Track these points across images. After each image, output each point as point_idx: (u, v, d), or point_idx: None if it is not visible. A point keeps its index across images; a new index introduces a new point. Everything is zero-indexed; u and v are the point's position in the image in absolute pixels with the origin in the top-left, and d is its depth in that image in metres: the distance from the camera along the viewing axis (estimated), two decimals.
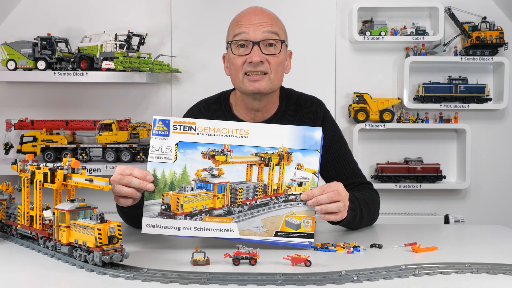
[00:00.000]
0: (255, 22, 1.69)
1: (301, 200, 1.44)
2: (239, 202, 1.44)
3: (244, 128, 1.46)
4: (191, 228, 1.42)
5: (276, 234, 1.43)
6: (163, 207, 1.42)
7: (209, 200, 1.43)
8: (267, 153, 1.46)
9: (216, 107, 1.86)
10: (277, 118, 1.81)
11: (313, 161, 1.46)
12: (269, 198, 1.45)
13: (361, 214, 1.63)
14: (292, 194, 1.45)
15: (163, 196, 1.43)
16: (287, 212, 1.44)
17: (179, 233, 1.42)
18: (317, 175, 1.46)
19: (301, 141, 1.46)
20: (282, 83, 1.83)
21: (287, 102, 1.85)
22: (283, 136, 1.46)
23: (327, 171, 1.81)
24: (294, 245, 1.43)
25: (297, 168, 1.46)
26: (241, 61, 1.69)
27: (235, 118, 1.81)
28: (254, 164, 1.45)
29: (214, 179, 1.44)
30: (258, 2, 3.01)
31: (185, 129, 1.46)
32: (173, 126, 1.46)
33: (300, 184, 1.45)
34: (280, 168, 1.46)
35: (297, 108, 1.84)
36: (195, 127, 1.46)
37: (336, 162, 1.82)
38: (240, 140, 1.46)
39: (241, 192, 1.45)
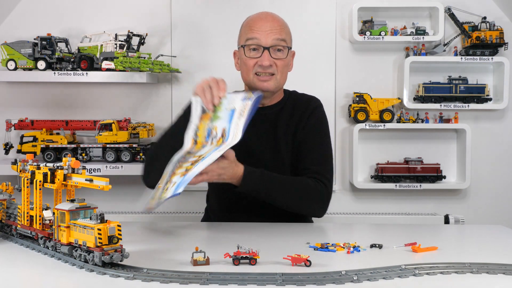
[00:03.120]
0: (267, 29, 1.92)
1: None
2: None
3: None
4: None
5: None
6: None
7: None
8: None
9: None
10: (277, 108, 2.02)
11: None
12: None
13: (268, 192, 1.78)
14: None
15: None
16: None
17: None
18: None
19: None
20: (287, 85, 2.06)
21: (289, 97, 2.07)
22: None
23: (297, 154, 1.96)
24: None
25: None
26: (252, 63, 1.93)
27: None
28: None
29: None
30: (260, 3, 3.01)
31: None
32: None
33: None
34: None
35: (295, 103, 2.04)
36: None
37: (304, 147, 1.96)
38: None
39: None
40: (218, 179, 1.70)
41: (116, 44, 2.85)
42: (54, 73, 2.84)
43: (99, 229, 1.19)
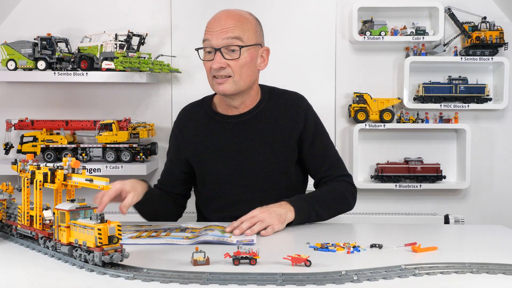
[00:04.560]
0: (217, 29, 1.81)
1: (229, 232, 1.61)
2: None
3: None
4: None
5: None
6: None
7: None
8: None
9: (198, 109, 2.01)
10: (258, 110, 1.93)
11: None
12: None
13: (317, 212, 1.79)
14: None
15: None
16: None
17: None
18: None
19: None
20: (270, 81, 2.01)
21: (269, 96, 1.96)
22: None
23: (309, 164, 1.95)
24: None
25: None
26: (208, 66, 1.85)
27: (215, 114, 1.96)
28: None
29: None
30: (260, 3, 3.01)
31: None
32: None
33: None
34: None
35: (280, 101, 1.95)
36: None
37: (316, 155, 1.94)
38: None
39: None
40: (279, 224, 1.66)
41: (116, 44, 2.85)
42: (54, 73, 2.84)
43: (99, 229, 1.19)
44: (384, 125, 3.05)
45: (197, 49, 1.87)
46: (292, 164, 1.94)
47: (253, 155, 1.90)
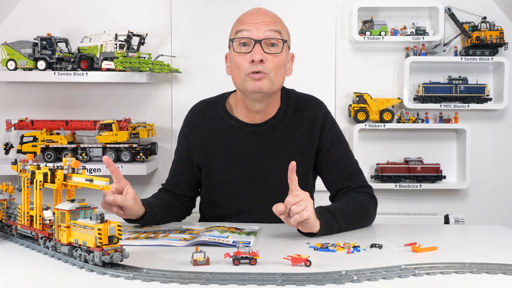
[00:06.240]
0: (258, 21, 1.69)
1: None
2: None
3: None
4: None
5: None
6: None
7: None
8: None
9: (211, 109, 1.86)
10: (276, 120, 1.81)
11: None
12: None
13: (339, 225, 1.62)
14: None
15: None
16: None
17: None
18: None
19: None
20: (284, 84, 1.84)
21: (287, 103, 1.83)
22: None
23: (325, 174, 1.84)
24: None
25: None
26: (242, 60, 1.68)
27: (231, 118, 1.82)
28: None
29: None
30: (259, 2, 3.01)
31: None
32: None
33: None
34: None
35: (297, 110, 1.83)
36: None
37: (334, 164, 1.82)
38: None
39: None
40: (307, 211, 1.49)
41: (116, 44, 2.85)
42: (54, 73, 2.84)
43: (99, 229, 1.19)
44: (384, 125, 3.05)
45: (231, 40, 1.72)
46: (307, 179, 1.83)
47: (266, 167, 1.78)
